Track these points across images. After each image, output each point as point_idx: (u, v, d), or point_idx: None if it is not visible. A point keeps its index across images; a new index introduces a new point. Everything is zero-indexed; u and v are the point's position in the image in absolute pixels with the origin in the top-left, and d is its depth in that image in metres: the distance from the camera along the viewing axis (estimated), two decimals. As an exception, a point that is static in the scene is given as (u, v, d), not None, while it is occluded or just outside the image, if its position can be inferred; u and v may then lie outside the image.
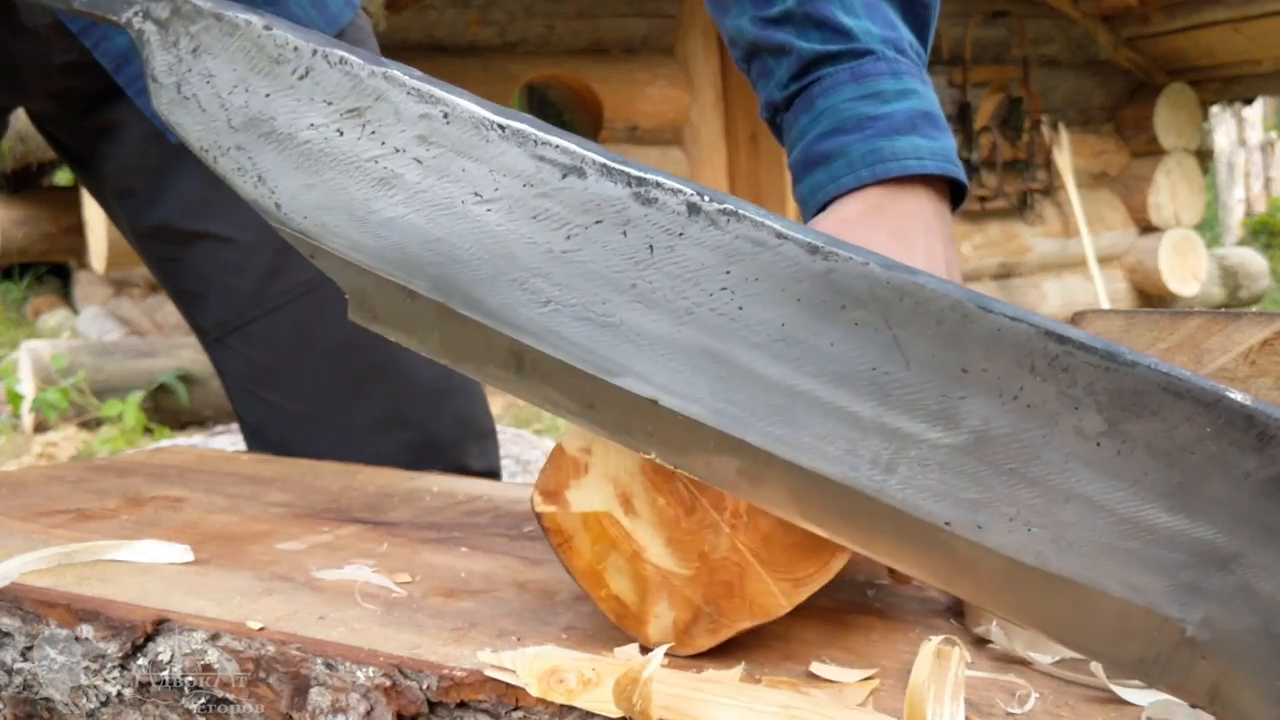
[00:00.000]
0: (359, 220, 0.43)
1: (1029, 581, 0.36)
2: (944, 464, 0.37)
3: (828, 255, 0.38)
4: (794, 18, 0.69)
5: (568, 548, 0.46)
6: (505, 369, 0.42)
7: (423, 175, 0.42)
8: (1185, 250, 5.86)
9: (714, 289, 0.39)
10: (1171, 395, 0.34)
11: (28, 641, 0.51)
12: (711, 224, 0.39)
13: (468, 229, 0.42)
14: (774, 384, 0.38)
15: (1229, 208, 9.92)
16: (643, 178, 0.40)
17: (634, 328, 0.40)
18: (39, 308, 6.21)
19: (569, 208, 0.41)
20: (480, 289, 0.42)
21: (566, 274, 0.41)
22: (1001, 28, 5.36)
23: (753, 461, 0.39)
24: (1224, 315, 0.53)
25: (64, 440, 3.80)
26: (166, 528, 0.66)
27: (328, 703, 0.44)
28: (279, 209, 0.44)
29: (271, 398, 0.99)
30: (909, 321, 0.37)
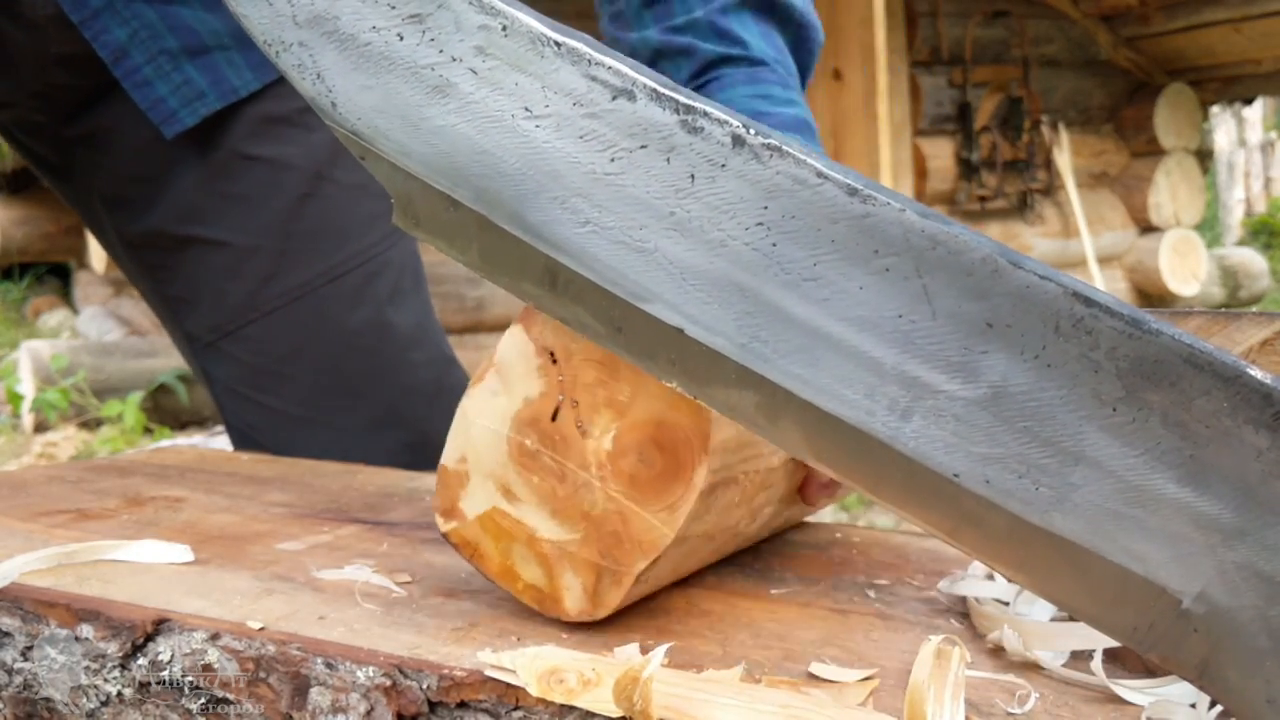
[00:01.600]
0: (411, 126, 0.43)
1: (1031, 540, 0.36)
2: (959, 416, 0.37)
3: (866, 199, 0.38)
4: (697, 25, 0.78)
5: (478, 556, 0.50)
6: (540, 286, 0.43)
7: (476, 86, 0.42)
8: (1185, 250, 5.86)
9: (750, 223, 0.39)
10: (1192, 367, 0.35)
11: (28, 641, 0.51)
12: (754, 158, 0.39)
13: (515, 143, 0.42)
14: (800, 323, 0.39)
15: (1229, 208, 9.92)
16: (691, 105, 0.40)
17: (668, 255, 0.40)
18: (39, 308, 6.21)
19: (616, 130, 0.41)
20: (522, 204, 0.42)
21: (607, 196, 0.41)
22: (1001, 28, 5.36)
23: (771, 398, 0.39)
24: (1224, 315, 0.53)
25: (64, 440, 3.80)
26: (166, 528, 0.66)
27: (328, 702, 0.44)
28: (335, 108, 0.44)
29: (266, 401, 0.98)
30: (939, 271, 0.37)
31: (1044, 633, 0.47)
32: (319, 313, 0.96)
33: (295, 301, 0.96)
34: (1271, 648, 0.34)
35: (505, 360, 0.49)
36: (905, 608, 0.53)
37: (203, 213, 0.95)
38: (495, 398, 0.49)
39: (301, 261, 0.96)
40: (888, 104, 4.51)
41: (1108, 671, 0.44)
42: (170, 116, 0.91)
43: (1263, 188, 10.48)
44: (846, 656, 0.46)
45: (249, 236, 0.95)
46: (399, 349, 0.99)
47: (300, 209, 0.95)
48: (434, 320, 1.05)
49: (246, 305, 0.96)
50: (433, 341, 1.03)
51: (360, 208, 0.98)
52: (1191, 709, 0.41)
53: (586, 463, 0.47)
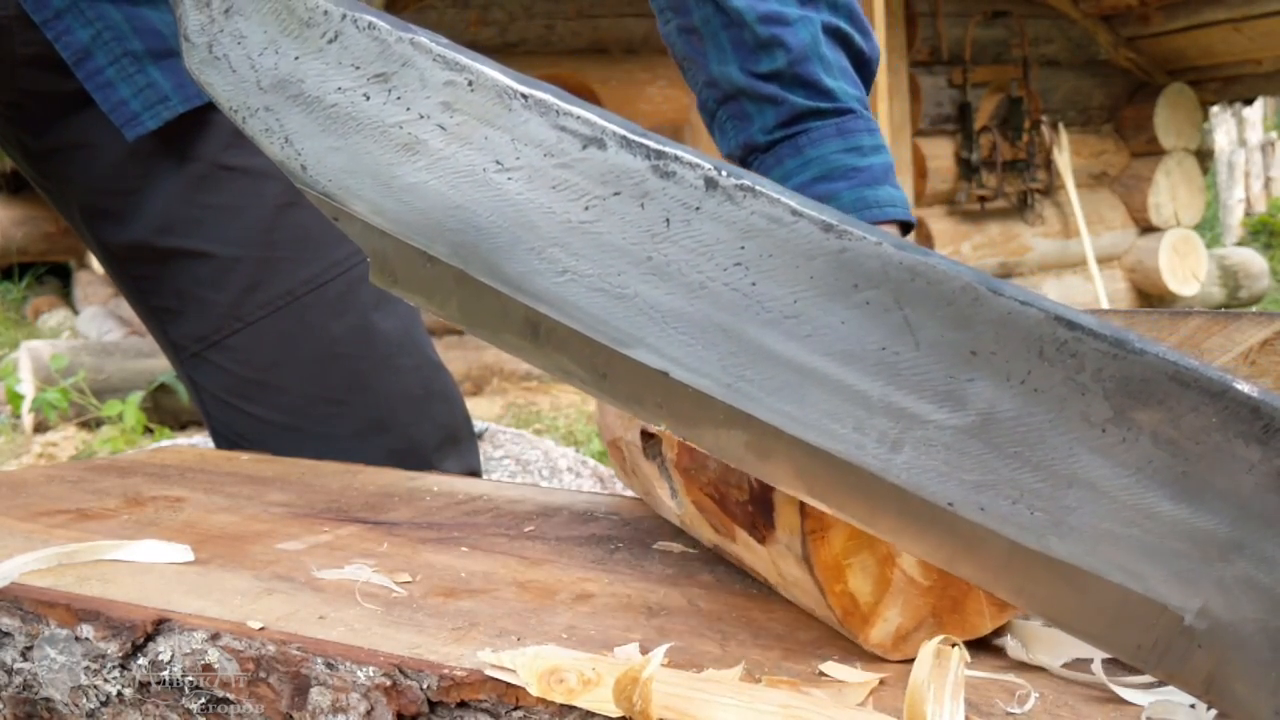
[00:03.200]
0: (383, 184, 0.43)
1: (1029, 564, 0.37)
2: (949, 445, 0.37)
3: (841, 234, 0.38)
4: (783, 77, 0.77)
5: (819, 536, 0.46)
6: (521, 337, 0.43)
7: (446, 142, 0.43)
8: (1185, 250, 5.85)
9: (728, 264, 0.39)
10: (1179, 384, 0.35)
11: (28, 641, 0.51)
12: (728, 199, 0.39)
13: (488, 197, 0.42)
14: (784, 360, 0.39)
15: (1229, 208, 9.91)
16: (662, 150, 0.40)
17: (648, 300, 0.40)
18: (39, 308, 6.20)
19: (588, 178, 0.41)
20: (498, 257, 0.42)
21: (584, 244, 0.41)
22: (1001, 28, 5.36)
23: (760, 436, 0.39)
24: (1224, 315, 0.53)
25: (64, 440, 3.79)
26: (166, 527, 0.66)
27: (328, 702, 0.44)
28: (305, 170, 0.45)
29: (253, 410, 0.98)
30: (920, 302, 0.37)
31: (1047, 639, 0.47)
32: (303, 321, 0.96)
33: (279, 310, 0.96)
34: (1276, 659, 0.34)
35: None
36: (905, 608, 0.53)
37: (184, 224, 0.95)
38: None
39: (285, 270, 0.95)
40: (888, 104, 4.51)
41: (1107, 672, 0.44)
42: (132, 119, 0.90)
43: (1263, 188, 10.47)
44: (846, 657, 0.46)
45: (231, 247, 0.95)
46: (385, 355, 0.99)
47: (282, 218, 0.95)
48: (420, 325, 1.05)
49: (230, 315, 0.96)
50: (419, 347, 1.03)
51: None
52: (1191, 709, 0.41)
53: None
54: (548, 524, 0.67)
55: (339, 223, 0.45)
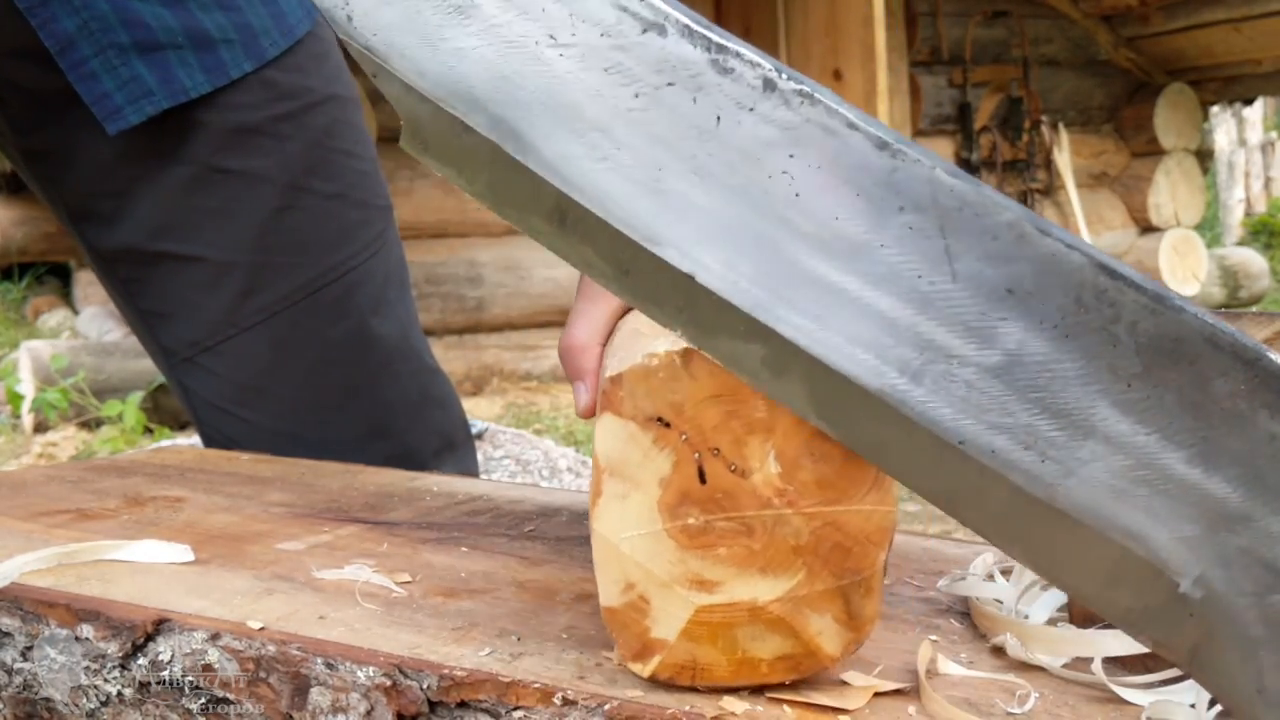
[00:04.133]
0: (429, 45, 0.42)
1: (1031, 514, 0.36)
2: (971, 382, 0.36)
3: (896, 153, 0.37)
4: None
5: (702, 673, 0.42)
6: (549, 222, 0.41)
7: (501, 8, 0.41)
8: (1185, 250, 5.85)
9: (774, 170, 0.38)
10: (1213, 347, 0.34)
11: (28, 641, 0.51)
12: (784, 102, 0.38)
13: (536, 71, 0.40)
14: (815, 277, 0.38)
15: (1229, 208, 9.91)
16: (724, 44, 0.39)
17: (685, 199, 0.39)
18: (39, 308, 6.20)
19: (643, 65, 0.39)
20: (537, 135, 0.40)
21: (627, 133, 0.39)
22: (1001, 28, 5.36)
23: (779, 352, 0.38)
24: (1224, 315, 0.53)
25: (64, 440, 3.80)
26: (167, 528, 0.66)
27: (328, 702, 0.44)
28: (350, 21, 0.43)
29: (247, 415, 0.97)
30: (964, 232, 0.36)
31: (1046, 638, 0.47)
32: (299, 327, 0.95)
33: (274, 316, 0.95)
34: (1266, 636, 0.34)
35: (612, 456, 0.42)
36: (905, 607, 0.53)
37: (175, 228, 0.94)
38: (626, 501, 0.41)
39: (280, 275, 0.95)
40: (888, 104, 4.51)
41: (1107, 671, 0.44)
42: (115, 112, 0.88)
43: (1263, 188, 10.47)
44: (846, 659, 0.46)
45: (225, 251, 0.94)
46: (382, 362, 0.99)
47: (276, 222, 0.94)
48: (418, 330, 1.04)
49: (225, 321, 0.95)
50: (416, 352, 1.02)
51: (339, 218, 0.97)
52: (1191, 709, 0.41)
53: (765, 499, 0.41)
54: (548, 524, 0.67)
55: (377, 79, 0.43)
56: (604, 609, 0.42)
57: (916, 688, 0.42)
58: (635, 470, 0.41)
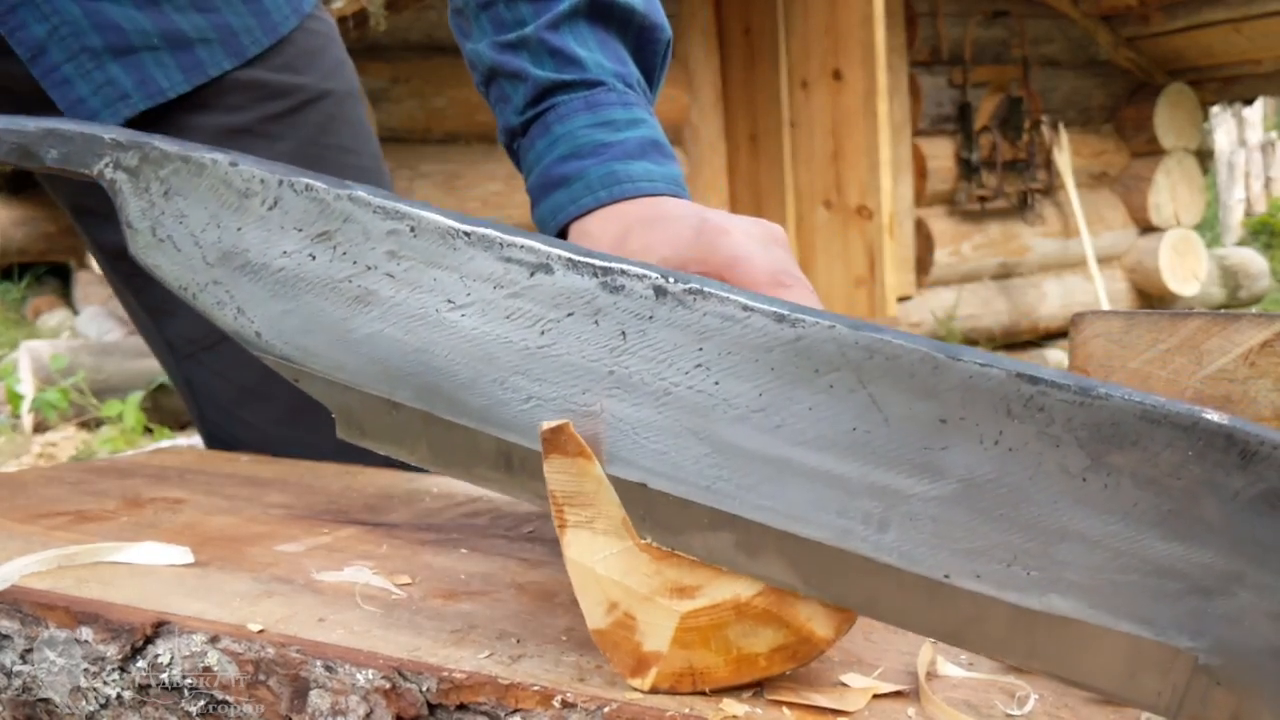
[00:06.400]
0: (339, 339, 0.44)
1: (1035, 626, 0.36)
2: (935, 516, 0.37)
3: (795, 322, 0.38)
4: (529, 44, 0.72)
5: (702, 677, 0.42)
6: (495, 469, 0.43)
7: (396, 289, 0.43)
8: (1185, 250, 5.85)
9: (689, 367, 0.39)
10: (1148, 423, 0.34)
11: (27, 644, 0.51)
12: (679, 304, 0.40)
13: (444, 336, 0.43)
14: (759, 455, 0.39)
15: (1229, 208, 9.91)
16: (608, 267, 0.40)
17: (616, 414, 0.40)
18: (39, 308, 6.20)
19: (540, 304, 0.41)
20: (462, 393, 0.42)
21: (545, 369, 0.41)
22: (1001, 28, 5.36)
23: (746, 534, 0.39)
24: (1224, 316, 0.53)
25: (64, 440, 3.80)
26: (166, 529, 0.66)
27: (327, 705, 0.44)
28: (259, 337, 0.46)
29: (245, 415, 0.97)
30: (881, 379, 0.37)
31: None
32: None
33: None
34: None
35: (567, 490, 0.42)
36: (905, 609, 0.53)
37: None
38: (592, 525, 0.42)
39: None
40: (888, 104, 4.51)
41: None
42: (91, 118, 0.87)
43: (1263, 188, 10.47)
44: (846, 658, 0.46)
45: None
46: None
47: None
48: None
49: None
50: None
51: None
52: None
53: None
54: (547, 525, 0.67)
55: (300, 383, 0.45)
56: (593, 632, 0.42)
57: (916, 689, 0.42)
58: (592, 498, 0.42)
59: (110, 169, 0.48)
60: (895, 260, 4.66)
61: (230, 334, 0.46)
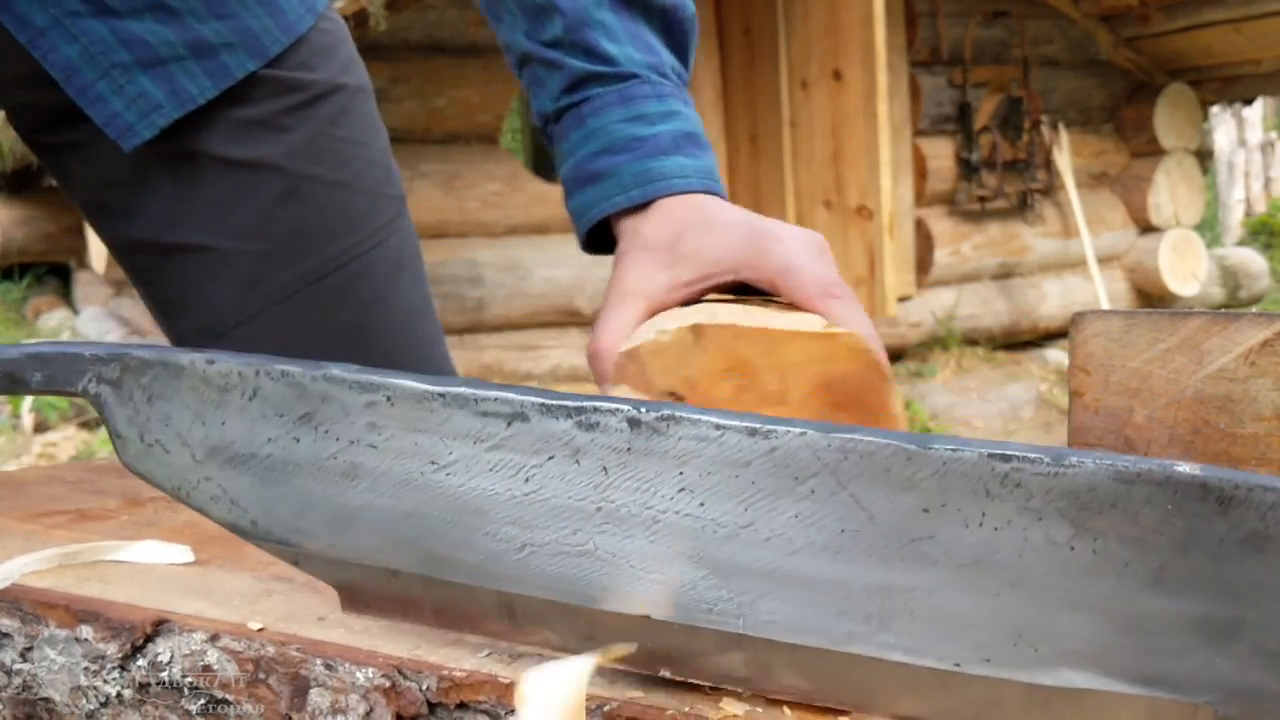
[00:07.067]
0: (332, 516, 0.45)
1: (1051, 702, 0.36)
2: (934, 606, 0.37)
3: (767, 434, 0.38)
4: (563, 44, 0.73)
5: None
6: (501, 621, 0.44)
7: (380, 458, 0.44)
8: (1185, 250, 5.86)
9: (673, 493, 0.40)
10: (1123, 483, 0.35)
11: (27, 642, 0.51)
12: (655, 432, 0.40)
13: (433, 497, 0.43)
14: (754, 570, 0.39)
15: (1229, 208, 9.92)
16: (580, 407, 0.41)
17: (609, 549, 0.41)
18: (39, 308, 6.21)
19: (521, 452, 0.42)
20: (457, 551, 0.43)
21: (534, 515, 0.42)
22: (1001, 28, 5.36)
23: (754, 652, 0.40)
24: (1224, 316, 0.53)
25: (64, 440, 3.80)
26: (166, 528, 0.66)
27: (327, 704, 0.44)
28: (255, 526, 0.46)
29: None
30: (859, 477, 0.37)
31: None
32: (301, 317, 0.96)
33: (279, 304, 0.96)
34: None
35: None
36: (905, 608, 0.53)
37: (182, 218, 0.95)
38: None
39: (284, 263, 0.95)
40: (888, 104, 4.51)
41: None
42: (127, 130, 0.89)
43: (1263, 188, 10.48)
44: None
45: (230, 240, 0.94)
46: (385, 353, 0.99)
47: (280, 210, 0.95)
48: (429, 323, 1.04)
49: (231, 309, 0.96)
50: (424, 345, 1.02)
51: (343, 206, 0.98)
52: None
53: None
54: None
55: (299, 565, 0.46)
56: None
57: (916, 689, 0.42)
58: None
59: (94, 384, 0.49)
60: (895, 260, 4.66)
61: (227, 528, 0.47)
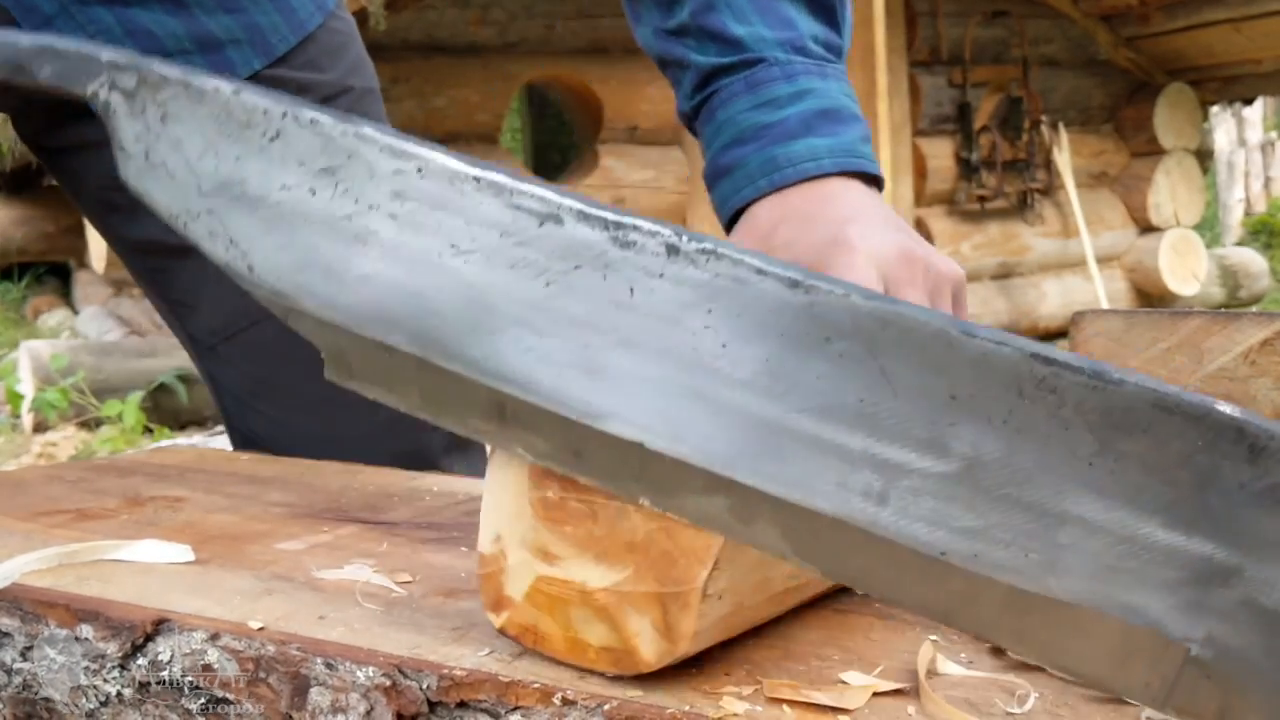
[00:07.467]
0: (335, 278, 0.43)
1: (1028, 609, 0.36)
2: (936, 493, 0.36)
3: (809, 289, 0.37)
4: (689, 30, 0.71)
5: (540, 639, 0.44)
6: (488, 420, 0.42)
7: (398, 230, 0.42)
8: (1185, 250, 5.86)
9: (697, 328, 0.39)
10: (1161, 411, 0.34)
11: (27, 642, 0.51)
12: (691, 263, 0.39)
13: (445, 282, 0.41)
14: (761, 420, 0.38)
15: (1229, 208, 9.91)
16: (620, 221, 0.40)
17: (618, 371, 0.39)
18: (39, 308, 6.21)
19: (547, 255, 0.40)
20: (459, 341, 0.41)
21: (547, 321, 0.40)
22: (1001, 28, 5.36)
23: (743, 500, 0.38)
24: (1224, 315, 0.53)
25: (64, 440, 3.80)
26: (166, 527, 0.66)
27: (328, 703, 0.44)
28: (251, 271, 0.44)
29: (264, 408, 0.98)
30: (893, 351, 0.37)
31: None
32: None
33: None
34: None
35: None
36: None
37: None
38: (511, 460, 0.44)
39: None
40: (887, 104, 4.51)
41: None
42: None
43: (1263, 188, 10.47)
44: (847, 656, 0.46)
45: None
46: None
47: None
48: None
49: (241, 311, 0.96)
50: None
51: None
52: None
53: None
54: (547, 524, 0.67)
55: (289, 321, 0.44)
56: (479, 553, 0.45)
57: (916, 687, 0.42)
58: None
59: (105, 90, 0.46)
60: (895, 260, 4.65)
61: (221, 267, 0.44)
